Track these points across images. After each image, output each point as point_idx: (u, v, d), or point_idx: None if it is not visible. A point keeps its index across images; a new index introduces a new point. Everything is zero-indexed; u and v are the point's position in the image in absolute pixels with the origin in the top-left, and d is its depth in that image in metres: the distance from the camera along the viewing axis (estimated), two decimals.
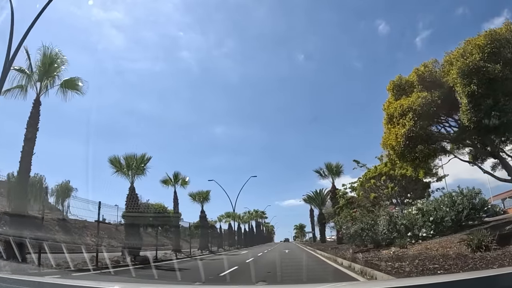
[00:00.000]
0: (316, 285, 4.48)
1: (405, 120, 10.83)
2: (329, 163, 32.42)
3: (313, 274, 9.44)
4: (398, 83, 12.78)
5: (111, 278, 8.68)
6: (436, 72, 12.28)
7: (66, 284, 2.31)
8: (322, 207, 40.08)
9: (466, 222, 14.47)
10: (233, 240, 44.88)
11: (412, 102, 11.01)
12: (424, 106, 10.78)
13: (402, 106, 11.25)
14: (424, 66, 12.36)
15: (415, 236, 14.54)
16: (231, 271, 10.58)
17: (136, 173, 16.10)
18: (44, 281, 2.13)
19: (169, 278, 9.45)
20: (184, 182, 25.45)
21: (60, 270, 9.46)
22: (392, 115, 11.56)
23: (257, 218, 69.08)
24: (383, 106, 13.31)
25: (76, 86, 13.78)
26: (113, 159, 16.12)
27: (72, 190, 35.56)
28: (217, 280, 8.65)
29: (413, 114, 10.72)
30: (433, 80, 12.07)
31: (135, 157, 15.91)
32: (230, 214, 44.73)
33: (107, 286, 2.97)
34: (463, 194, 14.87)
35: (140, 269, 11.26)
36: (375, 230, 14.51)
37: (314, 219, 50.06)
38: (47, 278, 3.29)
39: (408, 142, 10.51)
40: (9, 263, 9.07)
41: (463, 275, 2.52)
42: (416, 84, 12.10)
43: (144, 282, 7.13)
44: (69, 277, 8.23)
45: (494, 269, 5.57)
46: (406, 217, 15.77)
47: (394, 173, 22.18)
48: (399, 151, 10.73)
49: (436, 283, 1.68)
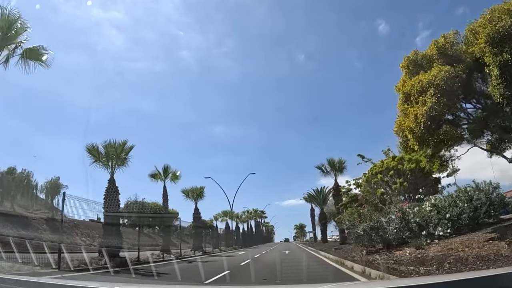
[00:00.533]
0: (317, 285, 4.52)
1: (425, 97, 9.15)
2: (331, 158, 30.74)
3: (319, 280, 7.80)
4: (414, 58, 11.10)
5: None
6: (458, 44, 10.64)
7: (66, 285, 2.29)
8: (323, 206, 38.40)
9: (483, 219, 13.03)
10: (231, 240, 43.12)
11: (433, 77, 9.33)
12: (448, 81, 9.10)
13: (421, 82, 9.57)
14: (444, 37, 10.69)
15: (430, 235, 12.90)
16: (220, 277, 8.91)
17: (117, 164, 14.31)
18: (44, 282, 2.17)
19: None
20: (174, 177, 23.61)
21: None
22: (409, 94, 9.89)
23: (257, 218, 67.23)
24: (396, 87, 11.65)
25: (39, 57, 12.04)
26: (91, 148, 14.31)
27: (61, 187, 34.02)
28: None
29: (434, 90, 9.04)
30: (455, 54, 10.42)
31: (115, 145, 14.06)
32: (227, 213, 42.83)
33: (107, 287, 2.94)
34: (480, 189, 13.31)
35: (106, 274, 9.55)
36: (385, 229, 12.84)
37: (315, 218, 48.52)
38: (47, 278, 3.39)
39: (430, 123, 8.84)
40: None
41: (463, 275, 2.28)
42: (435, 57, 10.44)
43: (145, 282, 7.37)
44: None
45: (494, 269, 5.33)
46: (418, 214, 14.14)
47: (402, 168, 20.53)
48: (419, 134, 9.04)
49: (436, 283, 1.65)
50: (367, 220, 12.86)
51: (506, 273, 1.66)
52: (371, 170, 21.83)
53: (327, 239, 38.61)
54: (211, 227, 39.38)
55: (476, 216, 12.92)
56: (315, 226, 49.28)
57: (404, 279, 4.54)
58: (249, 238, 57.20)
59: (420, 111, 8.85)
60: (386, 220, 12.68)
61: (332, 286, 3.30)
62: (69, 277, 8.06)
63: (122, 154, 14.37)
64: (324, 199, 38.42)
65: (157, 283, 7.71)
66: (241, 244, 48.47)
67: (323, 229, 38.14)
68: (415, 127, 9.05)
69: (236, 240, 47.74)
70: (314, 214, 48.18)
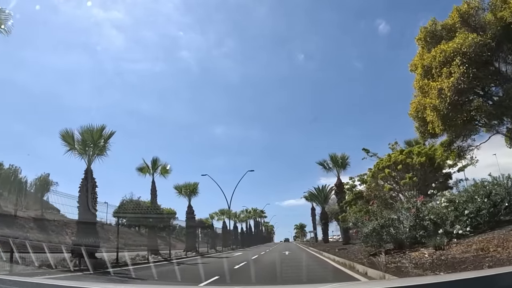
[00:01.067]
0: (318, 285, 4.60)
1: (450, 68, 7.65)
2: (333, 154, 29.13)
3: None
4: (432, 29, 9.61)
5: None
6: (484, 10, 9.15)
7: (65, 285, 2.27)
8: (324, 205, 36.95)
9: (504, 216, 11.67)
10: (229, 240, 41.46)
11: (459, 45, 7.85)
12: (476, 48, 7.61)
13: (445, 51, 8.08)
14: (467, 3, 9.21)
15: (448, 234, 11.45)
16: (207, 284, 7.43)
17: (95, 152, 12.62)
18: (42, 283, 2.12)
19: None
20: (164, 170, 21.84)
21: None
22: (430, 67, 8.42)
23: (256, 217, 65.38)
24: (411, 64, 10.23)
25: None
26: (65, 134, 12.52)
27: (51, 184, 32.59)
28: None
29: (461, 59, 7.54)
30: (480, 22, 8.92)
31: (92, 131, 12.35)
32: (224, 212, 41.02)
33: (107, 287, 2.99)
34: (498, 183, 11.92)
35: (66, 277, 8.05)
36: (397, 227, 11.35)
37: (316, 218, 46.99)
38: (46, 279, 3.44)
39: (458, 98, 7.34)
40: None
41: (462, 274, 2.21)
42: (458, 26, 8.95)
43: (146, 283, 7.33)
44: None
45: (493, 268, 5.19)
46: (433, 210, 12.67)
47: (411, 161, 19.03)
48: (444, 111, 7.55)
49: (436, 282, 1.68)
50: (377, 217, 11.35)
51: (506, 273, 1.65)
52: (377, 165, 20.31)
53: (329, 239, 37.23)
54: (209, 226, 37.77)
55: (495, 213, 11.59)
56: (316, 226, 47.92)
57: (404, 279, 4.38)
58: (248, 238, 55.57)
59: (446, 84, 7.38)
60: (399, 217, 11.18)
61: (332, 286, 3.19)
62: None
63: (100, 141, 12.67)
64: (325, 198, 36.93)
65: (158, 284, 7.75)
66: (239, 244, 46.85)
67: (324, 229, 36.68)
68: (439, 103, 7.56)
69: (234, 240, 46.15)
70: (315, 214, 46.73)
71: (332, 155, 28.89)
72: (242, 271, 10.53)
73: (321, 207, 37.38)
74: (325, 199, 37.13)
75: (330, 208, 36.40)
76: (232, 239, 44.54)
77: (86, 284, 2.76)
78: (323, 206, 37.02)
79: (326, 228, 36.26)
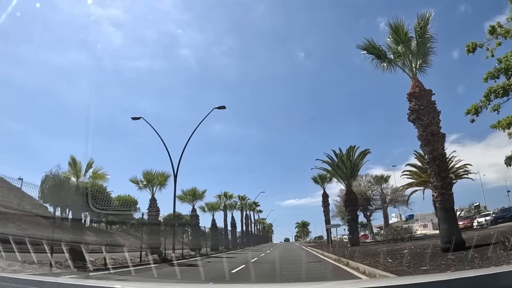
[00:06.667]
0: (318, 283, 4.59)
1: None
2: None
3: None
4: None
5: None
6: None
7: (67, 283, 2.26)
8: (351, 180, 22.73)
9: None
10: (195, 240, 26.97)
11: None
12: None
13: None
14: None
15: None
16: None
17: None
18: (44, 280, 2.08)
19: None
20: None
21: None
22: None
23: (246, 210, 49.96)
24: None
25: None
26: None
27: None
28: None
29: None
30: None
31: None
32: (186, 195, 25.39)
33: (108, 285, 2.80)
34: None
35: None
36: None
37: (329, 207, 32.82)
38: (47, 277, 3.10)
39: None
40: None
41: (462, 273, 2.00)
42: None
43: (148, 280, 7.97)
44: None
45: (493, 267, 5.03)
46: None
47: None
48: None
49: (435, 281, 1.64)
50: None
51: (506, 272, 1.61)
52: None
53: (359, 238, 23.36)
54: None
55: None
56: (329, 219, 32.37)
57: (405, 278, 4.30)
58: (233, 238, 42.03)
59: None
60: None
61: (331, 284, 3.04)
62: None
63: None
64: (353, 168, 22.47)
65: (164, 281, 7.96)
66: (224, 245, 34.29)
67: (352, 222, 22.38)
68: None
69: (203, 240, 28.78)
70: (327, 202, 32.50)
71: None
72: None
73: (345, 185, 23.29)
74: (354, 169, 22.72)
75: (357, 189, 22.57)
76: (201, 239, 28.09)
77: (89, 282, 2.71)
78: (349, 182, 23.04)
79: (355, 218, 22.44)
